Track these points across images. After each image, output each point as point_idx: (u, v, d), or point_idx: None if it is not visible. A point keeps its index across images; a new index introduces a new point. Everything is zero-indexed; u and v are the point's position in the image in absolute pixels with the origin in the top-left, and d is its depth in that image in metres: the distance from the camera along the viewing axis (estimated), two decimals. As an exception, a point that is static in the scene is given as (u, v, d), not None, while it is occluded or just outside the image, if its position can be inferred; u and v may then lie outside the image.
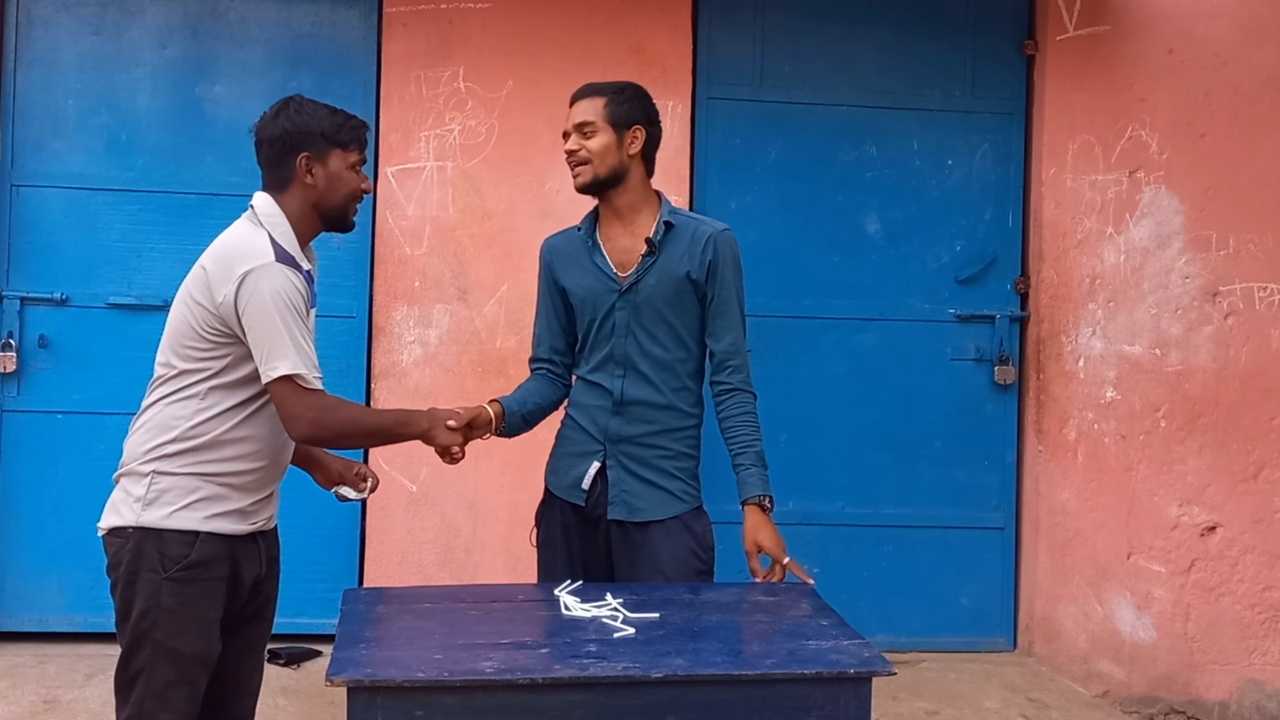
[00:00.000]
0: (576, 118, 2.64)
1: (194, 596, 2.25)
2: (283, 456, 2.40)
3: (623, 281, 2.65)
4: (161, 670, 2.22)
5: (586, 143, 2.62)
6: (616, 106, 2.63)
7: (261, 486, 2.36)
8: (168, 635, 2.23)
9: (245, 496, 2.32)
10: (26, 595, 4.06)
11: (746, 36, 4.33)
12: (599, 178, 2.63)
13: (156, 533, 2.25)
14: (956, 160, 4.41)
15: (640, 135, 2.65)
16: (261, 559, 2.40)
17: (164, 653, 2.23)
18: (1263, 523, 4.25)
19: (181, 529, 2.25)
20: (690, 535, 2.65)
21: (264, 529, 2.41)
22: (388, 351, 4.11)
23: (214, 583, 2.28)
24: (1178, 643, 4.22)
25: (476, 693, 1.88)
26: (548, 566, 2.71)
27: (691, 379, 2.71)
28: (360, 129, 2.41)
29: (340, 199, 2.39)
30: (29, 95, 4.07)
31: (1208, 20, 4.28)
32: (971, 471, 4.40)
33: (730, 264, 2.65)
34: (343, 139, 2.38)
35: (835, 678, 1.96)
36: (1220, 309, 4.27)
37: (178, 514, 2.25)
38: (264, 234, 2.29)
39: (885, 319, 4.37)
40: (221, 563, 2.29)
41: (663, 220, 2.64)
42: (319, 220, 2.40)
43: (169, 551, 2.24)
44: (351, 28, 4.19)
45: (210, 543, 2.27)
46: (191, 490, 2.27)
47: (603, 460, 2.67)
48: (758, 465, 2.60)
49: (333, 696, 3.51)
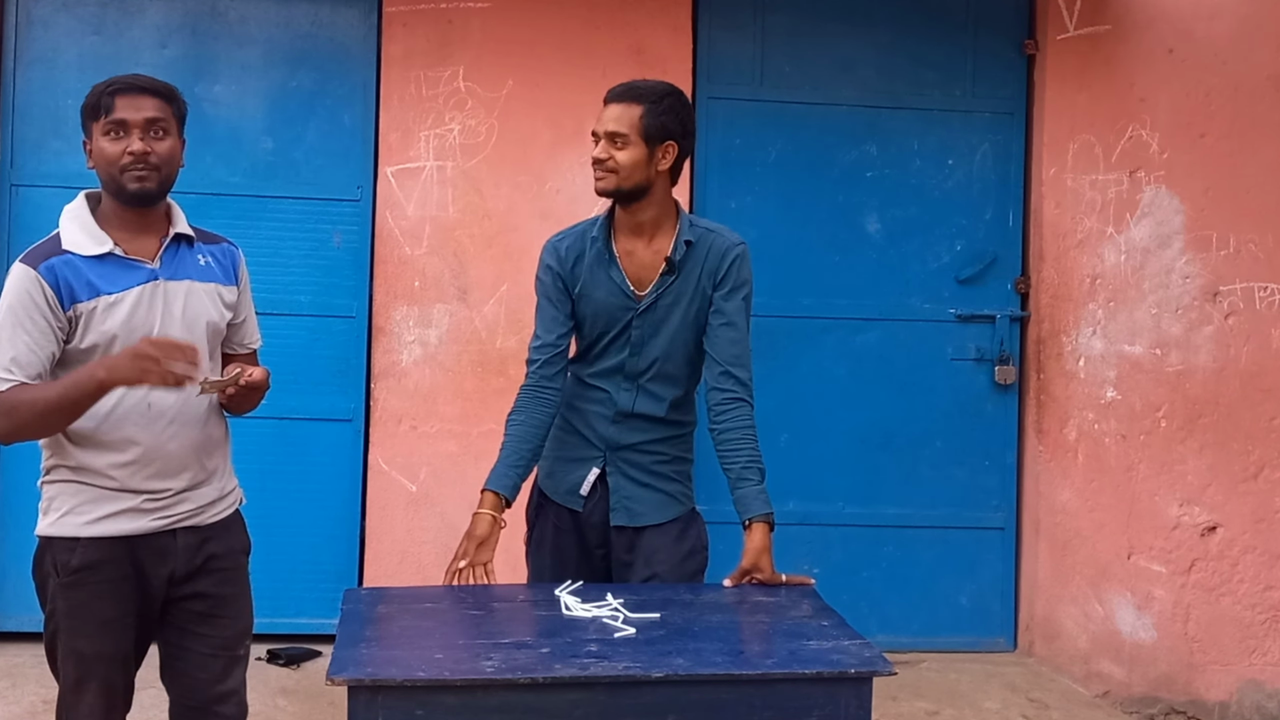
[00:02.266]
0: (609, 124, 2.51)
1: (88, 599, 2.26)
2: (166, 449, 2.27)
3: (640, 300, 2.59)
4: (69, 668, 2.29)
5: (616, 153, 2.51)
6: (653, 119, 2.50)
7: (148, 481, 2.27)
8: (69, 636, 2.27)
9: (133, 495, 2.26)
10: (26, 595, 4.00)
11: (746, 36, 4.33)
12: (622, 189, 2.53)
13: (49, 540, 2.29)
14: (957, 160, 4.41)
15: (672, 151, 2.54)
16: (179, 556, 2.32)
17: (69, 653, 2.28)
18: (1263, 523, 4.24)
19: (65, 535, 2.27)
20: (687, 537, 2.64)
21: (183, 525, 2.32)
22: (388, 351, 4.11)
23: (108, 584, 2.26)
24: (1178, 643, 4.21)
25: (477, 692, 1.88)
26: (538, 570, 2.70)
27: (692, 387, 2.69)
28: (103, 91, 2.25)
29: (104, 173, 2.25)
30: (29, 95, 4.06)
31: (1208, 20, 4.28)
32: (972, 471, 4.40)
33: (747, 282, 2.61)
34: (93, 109, 2.26)
35: (836, 678, 1.96)
36: (1220, 309, 4.27)
37: (62, 520, 2.27)
38: (52, 233, 2.27)
39: (885, 319, 4.37)
40: (115, 564, 2.26)
41: (683, 240, 2.57)
42: (113, 199, 2.28)
43: (59, 558, 2.27)
44: (351, 27, 4.19)
45: (95, 546, 2.25)
46: (74, 495, 2.27)
47: (602, 467, 2.64)
48: (762, 481, 2.54)
49: (333, 696, 3.51)
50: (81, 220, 2.27)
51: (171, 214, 2.36)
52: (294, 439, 4.05)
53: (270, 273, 3.87)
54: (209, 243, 2.42)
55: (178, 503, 2.31)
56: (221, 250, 2.44)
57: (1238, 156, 4.28)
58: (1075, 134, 4.29)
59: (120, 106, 2.24)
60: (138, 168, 2.23)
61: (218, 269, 2.40)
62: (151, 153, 2.24)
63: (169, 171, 2.29)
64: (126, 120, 2.24)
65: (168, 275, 2.30)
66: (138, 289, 2.26)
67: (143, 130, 2.24)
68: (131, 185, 2.24)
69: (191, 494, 2.33)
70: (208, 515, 2.37)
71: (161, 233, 2.33)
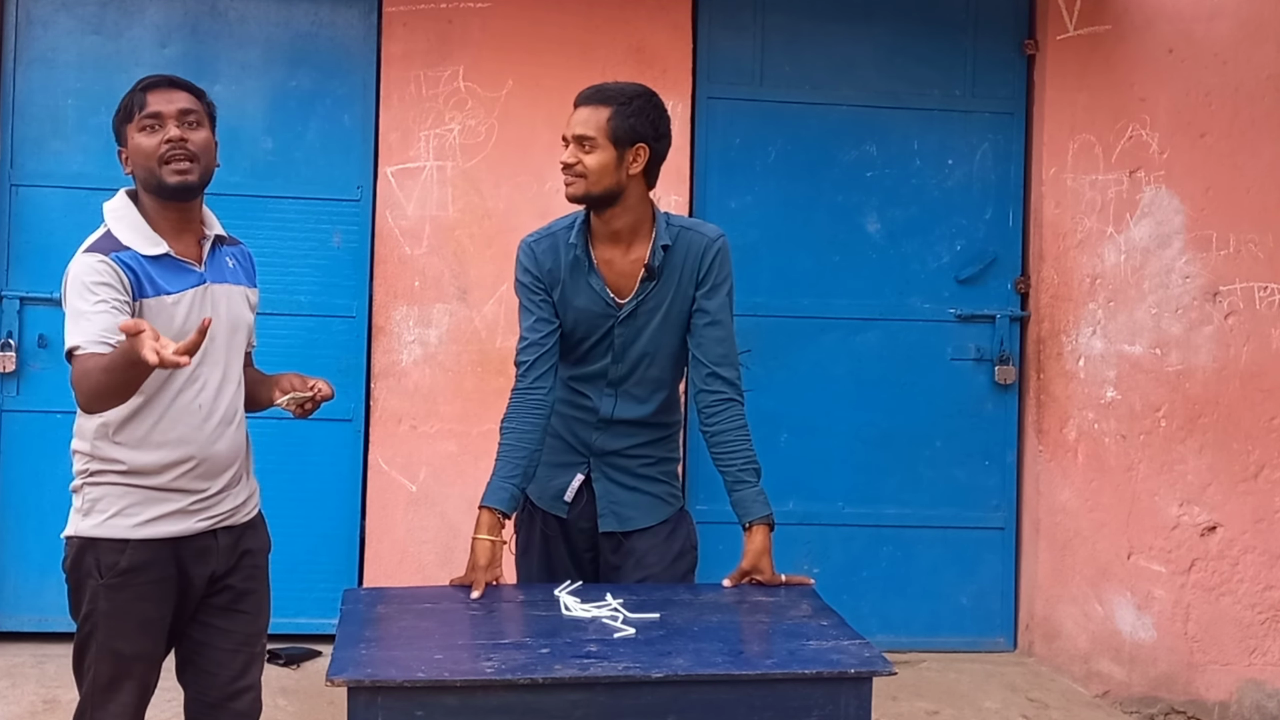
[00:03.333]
0: (577, 128, 2.46)
1: (131, 600, 2.25)
2: (214, 450, 2.30)
3: (621, 307, 2.55)
4: (104, 668, 2.27)
5: (584, 157, 2.45)
6: (621, 121, 2.44)
7: (199, 485, 2.29)
8: (108, 637, 2.26)
9: (185, 496, 2.28)
10: (26, 595, 4.06)
11: (746, 36, 4.32)
12: (591, 194, 2.47)
13: (92, 541, 2.26)
14: (957, 160, 4.41)
15: (643, 154, 2.47)
16: (219, 555, 2.34)
17: (106, 652, 2.26)
18: (1263, 522, 4.24)
19: (113, 537, 2.25)
20: (676, 537, 2.63)
21: (225, 525, 2.35)
22: (387, 351, 4.11)
23: (153, 585, 2.27)
24: (1178, 643, 4.22)
25: (477, 692, 1.88)
26: (526, 577, 2.69)
27: (676, 389, 2.67)
28: (133, 92, 2.26)
29: (143, 170, 2.26)
30: (29, 95, 4.06)
31: (1208, 20, 4.28)
32: (971, 471, 4.40)
33: (728, 277, 2.57)
34: (127, 111, 2.27)
35: (836, 678, 1.97)
36: (1220, 309, 4.27)
37: (109, 522, 2.26)
38: (101, 230, 2.28)
39: (885, 319, 4.37)
40: (160, 565, 2.27)
41: (660, 245, 2.52)
42: (156, 199, 2.28)
43: (103, 559, 2.25)
44: (351, 27, 4.19)
45: (144, 548, 2.25)
46: (121, 496, 2.26)
47: (586, 472, 2.62)
48: (759, 482, 2.53)
49: (332, 696, 3.51)
50: (130, 220, 2.28)
51: (205, 215, 2.38)
52: (294, 439, 4.04)
53: (270, 273, 3.82)
54: (230, 244, 2.45)
55: (219, 502, 2.34)
56: (241, 252, 2.48)
57: (1238, 156, 4.28)
58: (1075, 134, 4.29)
59: (153, 100, 2.26)
60: (177, 156, 2.24)
61: (242, 271, 2.44)
62: (188, 140, 2.25)
63: (207, 162, 2.31)
64: (160, 112, 2.25)
65: (213, 279, 2.34)
66: (191, 291, 2.28)
67: (177, 120, 2.26)
68: (172, 178, 2.24)
69: (230, 493, 2.36)
70: (241, 514, 2.40)
71: (199, 234, 2.35)
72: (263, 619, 2.47)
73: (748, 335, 3.68)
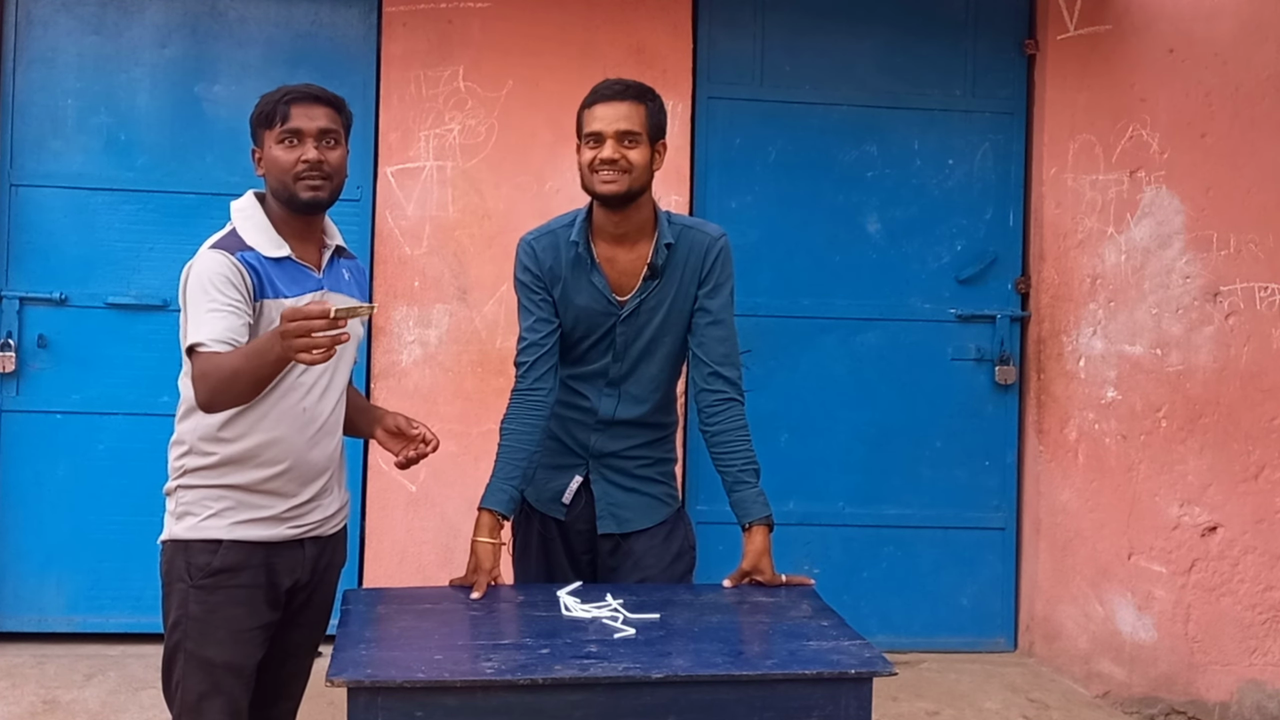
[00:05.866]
0: (620, 123, 2.43)
1: (221, 604, 2.22)
2: (309, 456, 2.31)
3: (623, 306, 2.54)
4: (193, 681, 2.21)
5: (629, 153, 2.43)
6: (654, 117, 2.47)
7: (291, 491, 2.29)
8: (197, 644, 2.21)
9: (278, 502, 2.27)
10: (26, 595, 4.05)
11: (746, 36, 4.32)
12: (633, 191, 2.45)
13: (185, 544, 2.25)
14: (957, 160, 4.41)
15: (664, 150, 2.52)
16: (305, 567, 2.34)
17: (195, 662, 2.21)
18: (1263, 523, 4.24)
19: (205, 538, 2.24)
20: (675, 538, 2.63)
21: (314, 534, 2.35)
22: (387, 351, 4.11)
23: (243, 590, 2.24)
24: (1178, 643, 4.21)
25: (477, 693, 1.88)
26: (523, 579, 2.68)
27: (674, 389, 2.67)
28: (278, 100, 2.28)
29: (276, 181, 2.28)
30: (29, 95, 4.06)
31: (1208, 20, 4.28)
32: (972, 471, 4.40)
33: (730, 276, 2.57)
34: (267, 118, 2.29)
35: (836, 678, 1.96)
36: (1221, 309, 4.27)
37: (203, 524, 2.24)
38: (227, 228, 2.29)
39: (885, 319, 4.37)
40: (252, 570, 2.24)
41: (664, 243, 2.52)
42: (283, 206, 2.30)
43: (195, 560, 2.23)
44: (351, 27, 4.19)
45: (236, 549, 2.23)
46: (217, 499, 2.25)
47: (584, 474, 2.62)
48: (759, 483, 2.52)
49: (332, 696, 3.48)
50: (256, 221, 2.29)
51: (326, 225, 2.40)
52: (294, 439, 4.04)
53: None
54: (347, 258, 2.46)
55: (309, 511, 2.33)
56: (356, 266, 2.49)
57: (1238, 156, 4.28)
58: (1075, 134, 4.29)
59: (295, 115, 2.28)
60: (312, 176, 2.26)
61: (355, 285, 2.45)
62: (325, 161, 2.28)
63: (339, 181, 2.33)
64: (301, 129, 2.27)
65: (330, 286, 2.35)
66: (309, 295, 2.29)
67: (316, 139, 2.28)
68: (305, 194, 2.27)
69: (320, 503, 2.36)
70: (330, 525, 2.40)
71: (320, 243, 2.37)
72: (320, 632, 2.46)
73: (748, 335, 3.67)
